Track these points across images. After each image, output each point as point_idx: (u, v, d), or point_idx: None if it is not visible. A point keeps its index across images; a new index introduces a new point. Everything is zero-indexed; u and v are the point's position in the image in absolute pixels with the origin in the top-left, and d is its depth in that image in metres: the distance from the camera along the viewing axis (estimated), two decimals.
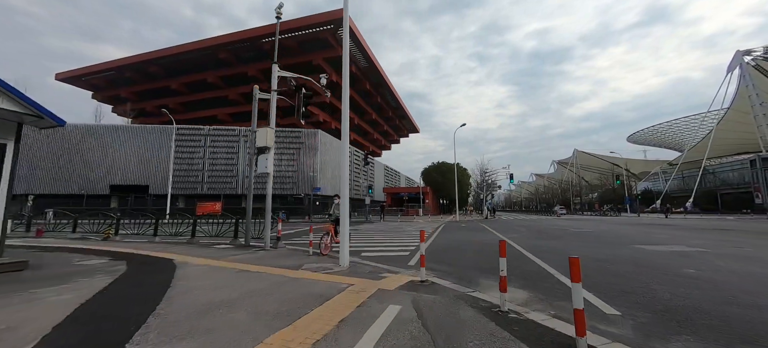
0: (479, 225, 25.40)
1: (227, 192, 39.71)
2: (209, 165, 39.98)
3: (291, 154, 41.49)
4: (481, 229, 20.20)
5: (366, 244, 12.88)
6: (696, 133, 73.37)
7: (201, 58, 62.39)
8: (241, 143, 40.64)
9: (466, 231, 19.04)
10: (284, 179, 40.39)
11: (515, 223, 27.95)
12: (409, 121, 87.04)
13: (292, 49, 61.11)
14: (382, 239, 14.85)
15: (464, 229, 20.46)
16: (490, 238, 14.68)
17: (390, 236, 16.31)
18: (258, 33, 58.26)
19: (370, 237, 15.94)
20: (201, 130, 40.58)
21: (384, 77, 71.90)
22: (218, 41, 59.57)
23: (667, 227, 20.20)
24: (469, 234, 16.99)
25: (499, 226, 23.87)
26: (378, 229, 21.44)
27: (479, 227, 22.63)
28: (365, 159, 29.19)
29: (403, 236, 16.23)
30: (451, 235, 16.80)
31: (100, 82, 65.68)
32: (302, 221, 30.25)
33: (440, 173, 46.65)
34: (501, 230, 19.09)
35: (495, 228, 21.27)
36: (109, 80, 65.57)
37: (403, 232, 18.69)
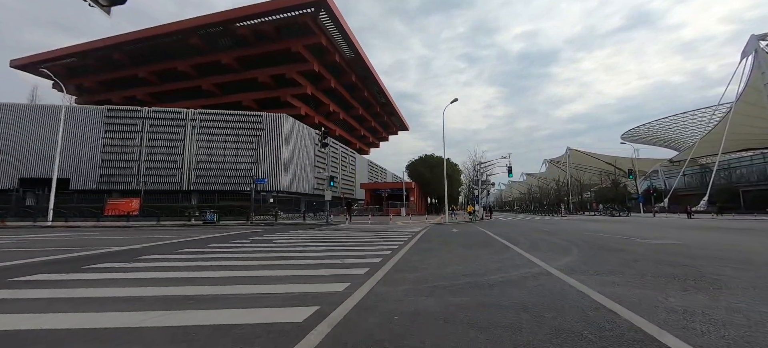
0: (478, 230, 16.12)
1: (169, 187, 30.13)
2: (147, 154, 30.35)
3: (249, 143, 31.98)
4: (485, 240, 10.95)
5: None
6: (695, 129, 65.06)
7: (170, 44, 52.79)
8: (188, 128, 31.10)
9: (460, 245, 9.83)
10: (240, 172, 30.86)
11: (527, 227, 18.68)
12: (398, 117, 77.83)
13: (268, 34, 51.72)
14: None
15: (456, 241, 11.15)
16: (521, 275, 5.30)
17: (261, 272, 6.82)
18: (231, 16, 48.85)
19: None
20: (137, 111, 30.99)
21: (371, 70, 62.68)
22: (187, 25, 50.01)
23: (747, 232, 11.07)
24: (470, 256, 7.73)
25: (508, 233, 14.52)
26: (275, 253, 12.12)
27: (479, 235, 13.32)
28: (322, 138, 19.77)
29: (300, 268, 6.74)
30: (424, 260, 7.42)
31: (60, 70, 55.66)
32: (237, 224, 20.82)
33: (428, 167, 37.49)
34: (525, 245, 9.81)
35: (506, 237, 12.00)
36: (70, 68, 55.72)
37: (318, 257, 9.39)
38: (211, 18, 49.60)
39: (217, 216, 20.36)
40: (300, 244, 9.84)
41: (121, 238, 12.02)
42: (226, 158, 31.47)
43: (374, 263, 6.41)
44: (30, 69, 54.79)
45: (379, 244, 9.45)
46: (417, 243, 9.95)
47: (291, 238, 11.80)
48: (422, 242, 10.09)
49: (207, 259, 6.97)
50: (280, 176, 32.18)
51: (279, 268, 6.11)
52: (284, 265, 6.35)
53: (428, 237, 12.09)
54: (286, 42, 52.22)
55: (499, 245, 9.20)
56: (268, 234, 13.36)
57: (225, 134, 31.74)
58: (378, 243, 9.84)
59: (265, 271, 5.76)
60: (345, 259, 6.95)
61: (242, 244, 9.71)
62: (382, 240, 10.74)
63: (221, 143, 31.55)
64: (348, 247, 9.07)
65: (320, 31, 51.90)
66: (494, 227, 17.50)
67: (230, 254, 7.74)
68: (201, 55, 53.92)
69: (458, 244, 9.70)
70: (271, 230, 15.77)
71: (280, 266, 6.24)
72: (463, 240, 10.80)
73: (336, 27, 52.29)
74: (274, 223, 20.85)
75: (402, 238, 11.57)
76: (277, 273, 5.65)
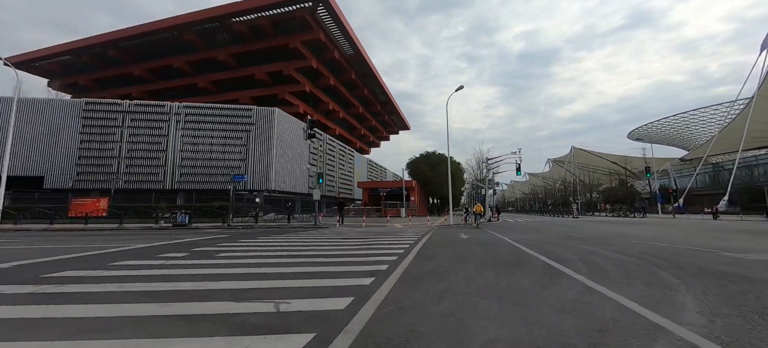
0: (494, 236, 12.84)
1: (151, 186, 27.13)
2: (128, 151, 27.37)
3: (238, 138, 28.92)
4: (514, 255, 7.63)
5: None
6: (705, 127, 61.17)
7: (165, 40, 50.15)
8: (172, 123, 28.08)
9: (482, 264, 6.57)
10: (229, 170, 27.76)
11: (550, 231, 15.36)
12: (398, 116, 74.59)
13: (265, 30, 48.85)
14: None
15: (474, 257, 7.83)
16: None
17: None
18: (227, 11, 46.03)
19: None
20: (118, 104, 28.01)
21: (371, 67, 59.62)
22: (183, 20, 47.34)
23: None
24: (507, 292, 4.44)
25: (535, 241, 11.19)
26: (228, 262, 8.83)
27: (500, 245, 10.01)
28: (308, 128, 16.46)
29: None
30: (428, 306, 4.13)
31: (55, 67, 53.28)
32: (211, 227, 17.71)
33: (429, 165, 34.03)
34: (577, 265, 6.50)
35: (539, 248, 8.66)
36: (65, 66, 53.21)
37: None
38: (206, 13, 46.83)
39: (189, 218, 17.25)
40: (253, 259, 6.68)
41: (40, 247, 8.91)
42: (214, 155, 28.43)
43: (335, 314, 3.21)
44: (24, 66, 52.23)
45: (362, 261, 6.30)
46: (417, 260, 6.73)
47: (249, 249, 8.60)
48: (424, 260, 6.85)
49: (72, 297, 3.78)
50: (272, 175, 29.08)
51: (149, 322, 2.84)
52: (172, 315, 3.11)
53: (432, 248, 8.84)
54: (284, 38, 49.32)
55: (541, 265, 5.95)
56: (230, 242, 10.21)
57: (212, 130, 28.71)
58: (362, 258, 6.69)
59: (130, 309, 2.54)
60: (291, 299, 3.74)
61: (174, 259, 6.59)
62: (369, 252, 7.58)
63: (208, 139, 28.52)
64: (315, 267, 5.86)
65: (318, 26, 48.91)
66: (510, 232, 14.20)
67: (129, 278, 4.57)
68: (197, 51, 51.18)
69: (478, 261, 6.46)
70: (241, 235, 12.64)
71: (153, 318, 2.98)
72: (482, 254, 7.53)
73: (334, 22, 49.29)
74: (254, 225, 17.71)
75: (397, 249, 8.34)
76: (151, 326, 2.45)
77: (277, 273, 5.49)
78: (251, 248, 8.63)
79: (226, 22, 47.50)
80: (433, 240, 10.82)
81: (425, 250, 8.12)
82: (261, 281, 4.84)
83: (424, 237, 11.79)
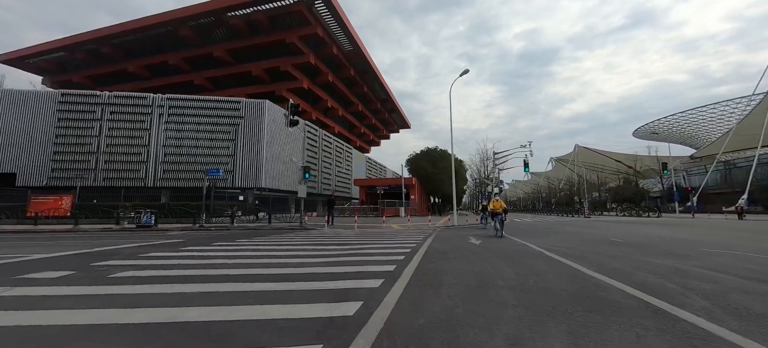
0: (517, 243, 10.08)
1: (132, 183, 24.59)
2: (107, 146, 24.85)
3: (226, 133, 26.33)
4: (573, 283, 4.97)
5: None
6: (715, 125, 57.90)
7: (160, 36, 47.74)
8: (154, 116, 25.53)
9: (532, 311, 3.90)
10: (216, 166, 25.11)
11: (583, 235, 12.56)
12: (399, 114, 71.82)
13: (261, 25, 46.33)
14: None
15: (506, 286, 5.08)
16: None
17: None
18: (222, 5, 43.54)
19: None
20: (96, 96, 25.49)
21: (371, 64, 56.99)
22: (178, 15, 44.91)
23: None
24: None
25: (578, 251, 8.38)
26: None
27: (536, 260, 7.25)
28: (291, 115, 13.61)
29: None
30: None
31: (49, 65, 51.08)
32: (180, 228, 15.06)
33: (431, 161, 31.14)
34: (720, 316, 3.76)
35: (601, 267, 5.93)
36: (58, 63, 51.01)
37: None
38: (201, 7, 44.31)
39: (155, 218, 14.62)
40: (185, 270, 4.02)
41: None
42: (199, 150, 25.85)
43: None
44: (17, 63, 50.12)
45: (322, 294, 3.59)
46: (413, 290, 3.99)
47: (190, 258, 5.93)
48: (425, 292, 4.09)
49: None
50: (262, 171, 26.47)
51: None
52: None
53: (436, 262, 6.09)
54: (281, 33, 46.76)
55: (637, 308, 3.20)
56: (182, 248, 7.56)
57: (197, 123, 26.13)
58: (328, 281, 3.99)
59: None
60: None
61: (52, 284, 3.94)
62: (343, 271, 4.88)
63: (193, 133, 25.95)
64: (236, 306, 3.16)
65: (316, 21, 46.34)
66: (530, 236, 11.42)
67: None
68: (192, 47, 48.74)
69: (517, 296, 3.72)
70: (206, 239, 10.00)
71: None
72: (513, 276, 4.75)
73: (333, 17, 46.71)
74: (230, 227, 15.05)
75: (386, 264, 5.62)
76: None
77: (187, 296, 2.78)
78: (193, 258, 5.96)
79: (222, 16, 45.05)
80: (437, 247, 8.10)
81: (426, 267, 5.40)
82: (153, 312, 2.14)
83: (424, 243, 9.07)
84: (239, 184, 25.62)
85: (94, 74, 51.09)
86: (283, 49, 47.86)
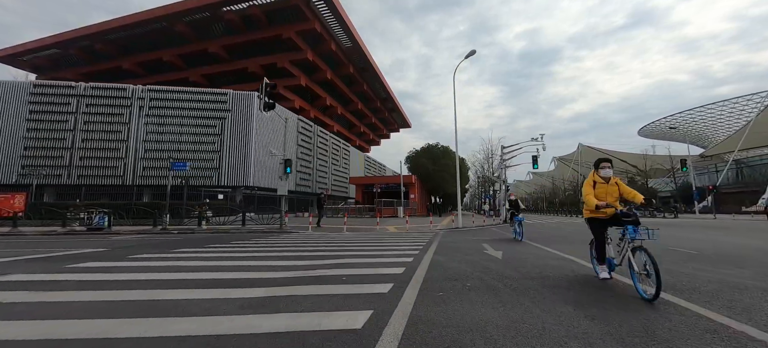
0: (560, 258, 7.45)
1: (109, 181, 22.15)
2: (82, 140, 22.45)
3: (212, 127, 23.86)
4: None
5: None
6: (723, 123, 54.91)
7: (155, 32, 45.53)
8: (134, 109, 23.11)
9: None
10: (201, 162, 22.69)
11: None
12: (399, 113, 69.26)
13: (258, 20, 44.02)
14: None
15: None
16: None
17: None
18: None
19: None
20: (71, 87, 23.13)
21: (371, 61, 54.55)
22: (172, 10, 42.60)
23: None
24: None
25: (683, 275, 5.68)
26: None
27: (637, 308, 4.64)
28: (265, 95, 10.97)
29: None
30: None
31: (43, 62, 49.01)
32: (137, 232, 12.55)
33: (431, 158, 28.37)
34: None
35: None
36: (52, 60, 48.93)
37: None
38: (197, 2, 41.99)
39: (108, 220, 12.13)
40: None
41: None
42: (183, 146, 23.41)
43: None
44: (9, 61, 48.07)
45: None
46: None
47: (100, 277, 3.42)
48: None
49: None
50: (250, 168, 23.97)
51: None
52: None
53: (453, 306, 3.50)
54: (277, 28, 44.40)
55: None
56: (115, 259, 5.06)
57: (181, 116, 23.70)
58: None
59: None
60: None
61: None
62: (293, 315, 2.34)
63: (176, 127, 23.52)
64: None
65: (314, 15, 43.95)
66: (564, 244, 8.78)
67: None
68: (188, 43, 46.50)
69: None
70: (160, 245, 7.49)
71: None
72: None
73: (331, 12, 44.30)
74: (196, 230, 12.51)
75: (358, 308, 3.10)
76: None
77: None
78: (113, 274, 3.44)
79: (217, 11, 42.74)
80: (443, 263, 5.52)
81: (432, 317, 2.83)
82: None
83: (426, 253, 6.50)
84: (225, 182, 23.12)
85: (88, 72, 48.91)
86: (280, 45, 45.57)
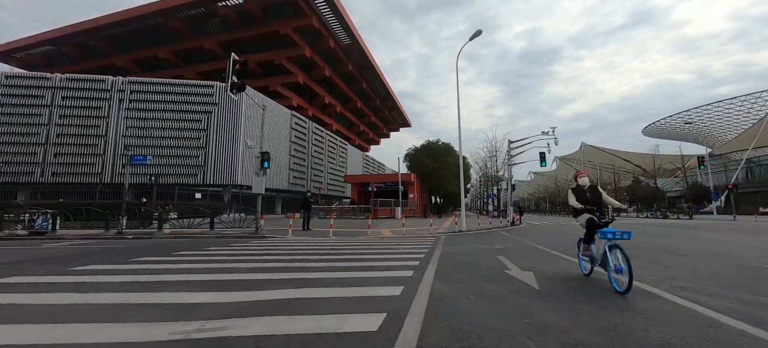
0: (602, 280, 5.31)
1: (87, 179, 20.21)
2: (58, 136, 20.53)
3: (197, 121, 21.89)
4: None
5: None
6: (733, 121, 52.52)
7: (150, 28, 43.70)
8: (114, 102, 21.20)
9: None
10: (185, 160, 20.72)
11: (665, 247, 7.65)
12: (399, 112, 67.19)
13: (254, 15, 42.08)
14: None
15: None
16: None
17: None
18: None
19: None
20: (46, 78, 21.24)
21: (370, 58, 52.52)
22: (167, 5, 40.76)
23: None
24: None
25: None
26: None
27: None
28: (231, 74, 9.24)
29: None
30: None
31: (36, 59, 47.29)
32: (83, 237, 10.52)
33: (431, 155, 26.19)
34: None
35: None
36: (46, 57, 47.22)
37: None
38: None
39: (52, 222, 10.16)
40: None
41: None
42: (166, 142, 21.46)
43: None
44: (3, 58, 46.39)
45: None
46: None
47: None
48: None
49: None
50: (238, 167, 21.99)
51: None
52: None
53: None
54: (274, 24, 42.42)
55: None
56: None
57: (164, 110, 21.76)
58: None
59: None
60: None
61: None
62: None
63: (159, 122, 21.57)
64: None
65: (311, 11, 41.91)
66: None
67: None
68: (183, 40, 44.62)
69: None
70: (100, 255, 5.50)
71: None
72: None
73: (328, 7, 42.26)
74: (154, 234, 10.47)
75: None
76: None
77: None
78: None
79: (212, 6, 40.81)
80: (452, 303, 3.44)
81: None
82: None
83: (423, 277, 4.44)
84: (212, 181, 21.13)
85: (82, 69, 47.06)
86: (277, 42, 43.63)
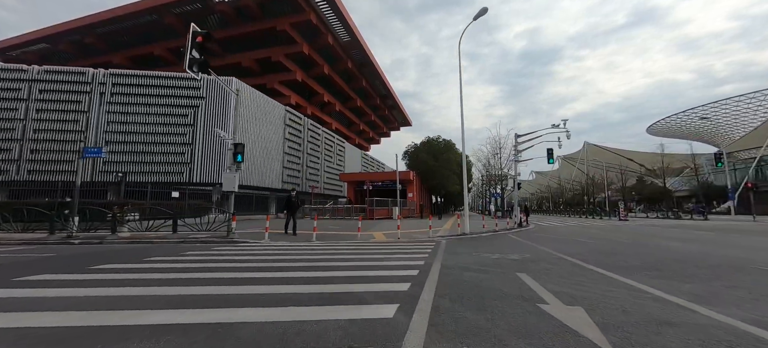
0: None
1: (66, 177, 18.71)
2: (34, 131, 19.05)
3: (183, 116, 20.35)
4: None
5: None
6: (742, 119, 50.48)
7: (146, 25, 42.43)
8: (95, 96, 19.70)
9: None
10: (170, 157, 19.17)
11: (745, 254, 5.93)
12: (399, 111, 65.55)
13: (251, 11, 40.62)
14: None
15: None
16: None
17: None
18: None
19: None
20: (22, 70, 19.78)
21: (369, 55, 50.93)
22: (163, 0, 39.48)
23: None
24: None
25: None
26: None
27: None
28: (190, 51, 7.70)
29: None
30: None
31: (32, 57, 46.00)
32: (20, 242, 8.92)
33: (432, 153, 24.39)
34: None
35: None
36: (42, 55, 45.98)
37: None
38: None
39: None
40: None
41: None
42: (150, 138, 19.94)
43: None
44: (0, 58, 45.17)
45: None
46: None
47: None
48: None
49: None
50: (227, 163, 20.40)
51: None
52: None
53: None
54: (271, 20, 40.93)
55: None
56: None
57: (148, 104, 20.26)
58: None
59: None
60: None
61: None
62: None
63: (142, 117, 20.05)
64: None
65: (309, 7, 40.37)
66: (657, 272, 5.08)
67: None
68: (179, 37, 43.13)
69: None
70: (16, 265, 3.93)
71: None
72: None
73: (327, 2, 40.80)
74: (106, 238, 8.87)
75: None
76: None
77: None
78: None
79: (209, 2, 39.49)
80: None
81: None
82: None
83: (414, 316, 2.85)
84: (199, 179, 19.58)
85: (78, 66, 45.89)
86: (275, 38, 42.18)
